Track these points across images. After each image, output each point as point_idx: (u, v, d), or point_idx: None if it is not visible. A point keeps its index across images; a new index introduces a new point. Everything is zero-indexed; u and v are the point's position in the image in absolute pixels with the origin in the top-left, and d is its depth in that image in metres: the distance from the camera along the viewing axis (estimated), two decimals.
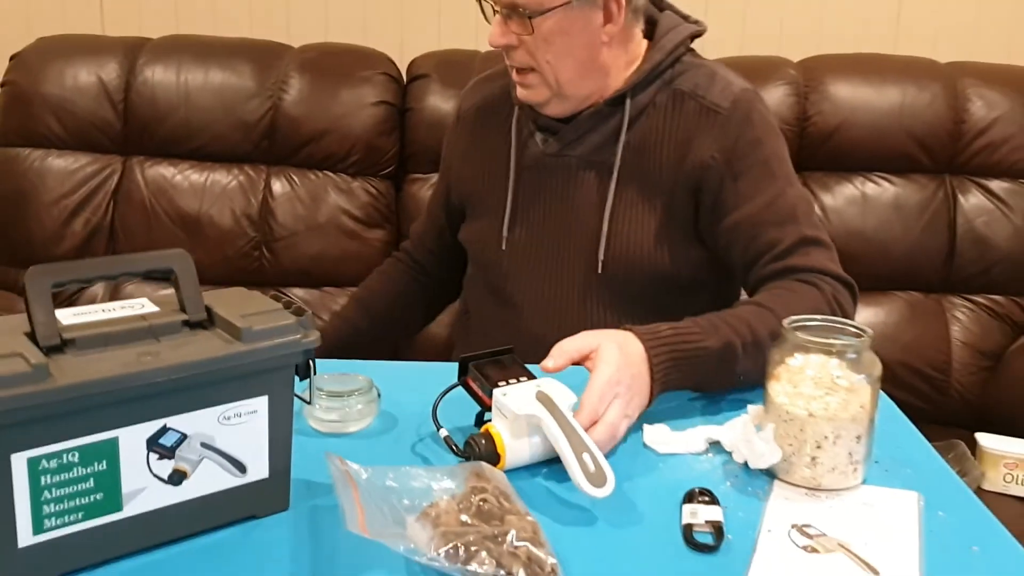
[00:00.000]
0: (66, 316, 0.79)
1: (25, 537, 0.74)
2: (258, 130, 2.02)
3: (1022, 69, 2.11)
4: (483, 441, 0.95)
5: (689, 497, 0.92)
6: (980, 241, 2.00)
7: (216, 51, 2.07)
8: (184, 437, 0.80)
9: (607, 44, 1.30)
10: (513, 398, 0.97)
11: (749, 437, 0.98)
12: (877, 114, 2.01)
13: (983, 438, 1.71)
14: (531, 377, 1.01)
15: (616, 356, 1.02)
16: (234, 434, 0.82)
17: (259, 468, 0.85)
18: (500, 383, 0.99)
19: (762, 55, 2.16)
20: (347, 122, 2.01)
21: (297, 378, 0.86)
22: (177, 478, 0.80)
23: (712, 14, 2.29)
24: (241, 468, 0.84)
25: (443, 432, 0.98)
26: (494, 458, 0.95)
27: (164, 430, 0.78)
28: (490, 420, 0.99)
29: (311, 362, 0.86)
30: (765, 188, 1.28)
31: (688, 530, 0.87)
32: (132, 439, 0.77)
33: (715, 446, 1.03)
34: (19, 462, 0.72)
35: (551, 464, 0.96)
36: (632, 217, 1.31)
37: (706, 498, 0.92)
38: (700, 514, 0.89)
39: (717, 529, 0.87)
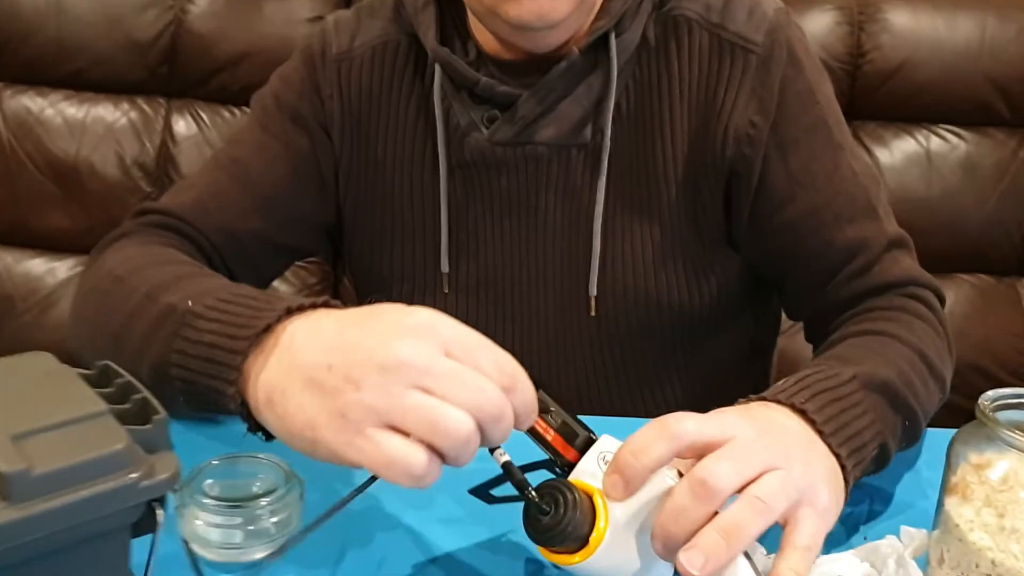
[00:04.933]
0: None
1: None
2: (155, 52, 1.78)
3: None
4: (573, 497, 0.59)
5: None
6: None
7: None
8: None
9: None
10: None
11: None
12: (948, 52, 1.80)
13: None
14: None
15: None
16: None
17: None
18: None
19: None
20: (273, 43, 1.73)
21: None
22: None
23: None
24: None
25: (504, 457, 0.60)
26: (584, 530, 0.59)
27: None
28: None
29: None
30: (828, 165, 0.95)
31: None
32: None
33: None
34: None
35: None
36: (636, 229, 0.95)
37: None
38: None
39: None
